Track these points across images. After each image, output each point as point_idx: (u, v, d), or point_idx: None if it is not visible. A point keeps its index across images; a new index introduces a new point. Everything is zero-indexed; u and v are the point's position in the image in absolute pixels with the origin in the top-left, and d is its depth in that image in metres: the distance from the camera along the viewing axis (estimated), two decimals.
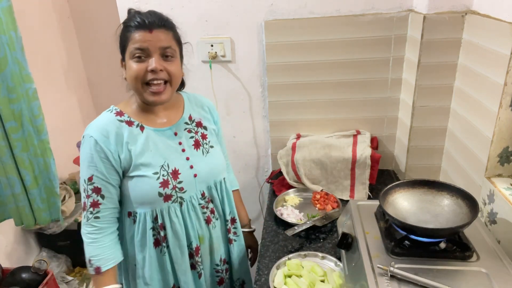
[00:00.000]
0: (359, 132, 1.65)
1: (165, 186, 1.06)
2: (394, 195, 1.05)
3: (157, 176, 1.05)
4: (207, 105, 1.24)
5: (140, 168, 1.04)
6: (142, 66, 1.00)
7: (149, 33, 1.00)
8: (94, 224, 1.04)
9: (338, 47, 1.53)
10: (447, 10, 1.29)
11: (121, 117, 1.06)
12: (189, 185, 1.11)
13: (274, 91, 1.63)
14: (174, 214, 1.09)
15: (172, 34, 1.06)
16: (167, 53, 1.02)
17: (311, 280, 1.07)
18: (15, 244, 2.14)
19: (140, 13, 1.04)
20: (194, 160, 1.12)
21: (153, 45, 1.00)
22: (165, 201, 1.07)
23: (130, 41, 1.00)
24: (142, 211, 1.07)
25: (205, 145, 1.17)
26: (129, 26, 1.02)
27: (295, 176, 1.57)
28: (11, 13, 1.60)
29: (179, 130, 1.13)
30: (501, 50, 1.05)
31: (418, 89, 1.41)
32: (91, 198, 1.03)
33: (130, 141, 1.04)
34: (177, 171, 1.08)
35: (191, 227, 1.13)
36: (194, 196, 1.12)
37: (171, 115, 1.13)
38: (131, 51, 1.00)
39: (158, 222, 1.08)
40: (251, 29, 1.57)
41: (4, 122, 1.68)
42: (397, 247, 0.94)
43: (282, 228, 1.37)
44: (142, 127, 1.07)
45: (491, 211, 1.09)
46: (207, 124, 1.20)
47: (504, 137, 1.09)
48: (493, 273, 0.85)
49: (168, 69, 1.02)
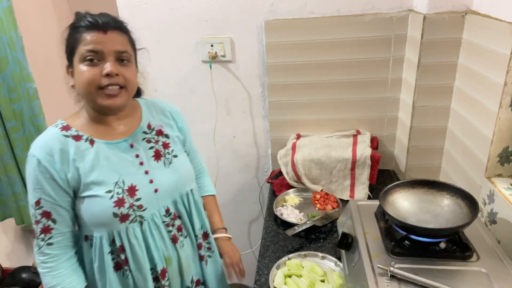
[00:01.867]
0: (359, 132, 1.65)
1: (120, 205, 0.94)
2: (394, 195, 1.05)
3: (111, 194, 0.94)
4: (169, 110, 1.13)
5: (91, 187, 0.94)
6: (95, 70, 0.90)
7: (103, 34, 0.91)
8: (48, 252, 0.94)
9: (338, 47, 1.53)
10: (447, 10, 1.29)
11: (67, 131, 0.95)
12: (150, 202, 0.99)
13: (274, 91, 1.63)
14: (133, 236, 0.97)
15: (128, 38, 0.98)
16: (123, 57, 0.94)
17: (311, 280, 1.07)
18: (15, 244, 2.14)
19: (91, 14, 0.95)
20: (154, 173, 1.01)
21: (108, 48, 0.91)
22: (121, 222, 0.95)
23: (81, 43, 0.91)
24: (98, 234, 0.96)
25: (168, 155, 1.06)
26: (79, 27, 0.92)
27: (295, 176, 1.57)
28: (11, 13, 1.60)
29: (136, 141, 1.02)
30: (501, 50, 1.05)
31: (418, 89, 1.41)
32: (41, 223, 0.93)
33: (77, 158, 0.93)
34: (135, 187, 0.97)
35: (154, 248, 1.01)
36: (156, 214, 1.01)
37: (126, 125, 1.03)
38: (81, 53, 0.91)
39: (117, 245, 0.97)
40: (251, 29, 1.57)
41: (5, 121, 1.68)
42: (397, 247, 0.94)
43: (282, 228, 1.37)
44: (92, 141, 0.96)
45: (491, 211, 1.09)
46: (169, 132, 1.10)
47: (504, 137, 1.09)
48: (493, 273, 0.85)
49: (124, 74, 0.93)
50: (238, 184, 1.88)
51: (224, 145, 1.80)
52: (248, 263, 2.04)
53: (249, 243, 2.01)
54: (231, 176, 1.86)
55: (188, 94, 1.70)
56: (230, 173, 1.85)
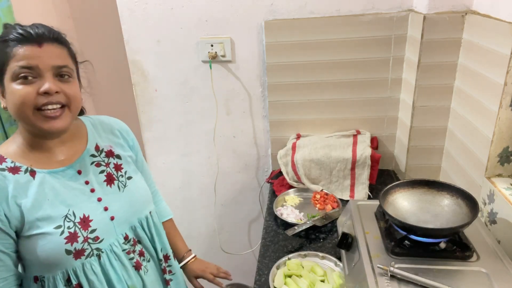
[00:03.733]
0: (359, 132, 1.65)
1: (73, 240, 0.85)
2: (394, 195, 1.05)
3: (61, 230, 0.84)
4: (118, 128, 1.04)
5: (37, 224, 0.83)
6: (30, 89, 0.80)
7: (38, 48, 0.81)
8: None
9: (338, 47, 1.53)
10: (447, 10, 1.29)
11: (1, 164, 0.84)
12: (106, 232, 0.91)
13: (274, 91, 1.63)
14: (91, 272, 0.89)
15: (67, 51, 0.88)
16: (63, 72, 0.84)
17: (311, 280, 1.07)
18: None
19: (22, 25, 0.84)
20: (108, 199, 0.93)
21: (44, 63, 0.81)
22: (76, 259, 0.86)
23: (12, 58, 0.80)
24: (50, 274, 0.87)
25: (121, 177, 0.98)
26: (8, 40, 0.81)
27: (295, 176, 1.57)
28: (11, 13, 1.60)
29: (83, 166, 0.93)
30: (501, 50, 1.05)
31: (418, 89, 1.41)
32: None
33: (17, 194, 0.83)
34: (88, 218, 0.88)
35: (117, 280, 0.93)
36: (115, 243, 0.93)
37: (70, 150, 0.93)
38: (14, 71, 0.80)
39: (73, 284, 0.88)
40: (251, 29, 1.57)
41: (4, 122, 1.68)
42: (397, 247, 0.94)
43: (282, 228, 1.37)
44: (32, 172, 0.85)
45: (491, 211, 1.09)
46: (121, 152, 1.01)
47: (504, 137, 1.09)
48: (493, 273, 0.85)
49: (65, 90, 0.84)
50: (238, 184, 1.88)
51: (224, 145, 1.80)
52: (248, 263, 2.05)
53: (249, 243, 2.01)
54: (231, 176, 1.86)
55: (188, 94, 1.70)
56: (230, 173, 1.85)
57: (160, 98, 1.72)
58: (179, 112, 1.73)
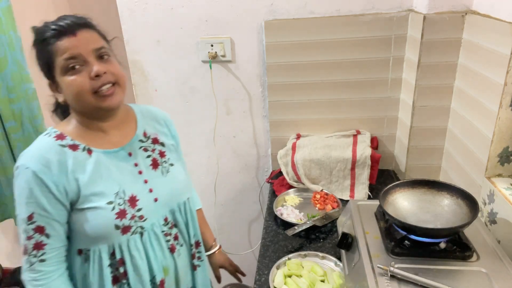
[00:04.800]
0: (359, 132, 1.65)
1: (122, 216, 0.91)
2: (394, 195, 1.05)
3: (112, 206, 0.90)
4: (163, 118, 1.10)
5: (91, 199, 0.89)
6: (82, 77, 0.86)
7: (74, 37, 0.86)
8: (40, 269, 0.88)
9: (338, 47, 1.53)
10: (447, 10, 1.29)
11: (62, 141, 0.90)
12: (150, 212, 0.96)
13: (274, 91, 1.63)
14: (134, 247, 0.94)
15: (97, 33, 0.92)
16: (102, 53, 0.89)
17: (311, 280, 1.07)
18: (15, 244, 2.13)
19: (50, 21, 0.89)
20: (153, 182, 0.99)
21: (84, 49, 0.86)
22: (123, 234, 0.92)
23: (56, 54, 0.86)
24: (96, 247, 0.92)
25: (164, 163, 1.03)
26: (46, 39, 0.86)
27: (295, 176, 1.57)
28: (10, 13, 1.60)
29: (133, 149, 0.99)
30: (501, 50, 1.05)
31: (418, 89, 1.41)
32: (34, 239, 0.87)
33: (76, 169, 0.89)
34: (135, 198, 0.94)
35: (154, 258, 0.98)
36: (156, 224, 0.98)
37: (122, 133, 0.99)
38: (61, 65, 0.86)
39: (116, 258, 0.93)
40: (251, 29, 1.57)
41: (4, 122, 1.68)
42: (397, 247, 0.94)
43: (282, 228, 1.37)
44: (89, 150, 0.92)
45: (491, 211, 1.09)
46: (165, 140, 1.07)
47: (504, 137, 1.09)
48: (493, 273, 0.86)
49: (110, 70, 0.89)
50: (238, 184, 1.88)
51: (224, 145, 1.79)
52: (248, 263, 2.04)
53: (249, 243, 2.01)
54: (231, 176, 1.86)
55: (188, 94, 1.70)
56: (230, 173, 1.85)
57: (160, 98, 1.72)
58: (179, 112, 1.73)
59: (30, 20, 1.82)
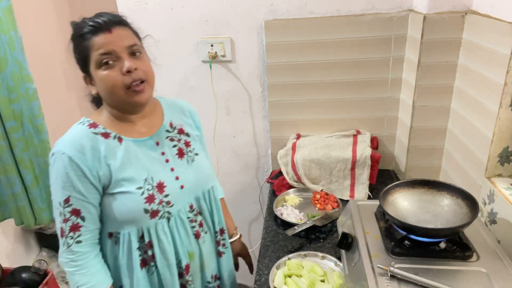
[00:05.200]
0: (359, 132, 1.65)
1: (150, 201, 0.97)
2: (394, 195, 1.05)
3: (141, 191, 0.96)
4: (188, 110, 1.16)
5: (122, 183, 0.95)
6: (115, 72, 0.91)
7: (109, 34, 0.91)
8: (77, 250, 0.94)
9: (338, 47, 1.53)
10: (447, 10, 1.29)
11: (95, 129, 0.96)
12: (177, 198, 1.02)
13: (274, 91, 1.63)
14: (162, 231, 1.00)
15: (131, 30, 0.98)
16: (134, 50, 0.95)
17: (311, 280, 1.07)
18: (15, 244, 2.13)
19: (88, 18, 0.95)
20: (179, 170, 1.04)
21: (118, 46, 0.91)
22: (151, 218, 0.98)
23: (92, 49, 0.91)
24: (126, 230, 0.98)
25: (190, 153, 1.09)
26: (84, 34, 0.92)
27: (295, 176, 1.57)
28: (11, 13, 1.60)
29: (160, 139, 1.05)
30: (501, 50, 1.05)
31: (418, 89, 1.41)
32: (70, 221, 0.93)
33: (108, 155, 0.95)
34: (163, 184, 0.99)
35: (180, 243, 1.04)
36: (182, 210, 1.04)
37: (150, 123, 1.05)
38: (96, 59, 0.91)
39: (145, 241, 0.99)
40: (251, 29, 1.57)
41: (5, 121, 1.68)
42: (397, 247, 0.94)
43: (282, 228, 1.37)
44: (120, 139, 0.98)
45: (491, 211, 1.09)
46: (190, 131, 1.12)
47: (504, 137, 1.09)
48: (493, 273, 0.86)
49: (140, 67, 0.94)
50: (238, 184, 1.88)
51: (224, 145, 1.79)
52: None
53: (249, 243, 2.01)
54: (231, 176, 1.86)
55: (188, 94, 1.70)
56: (230, 173, 1.85)
57: None
58: None
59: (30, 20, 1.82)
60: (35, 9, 2.22)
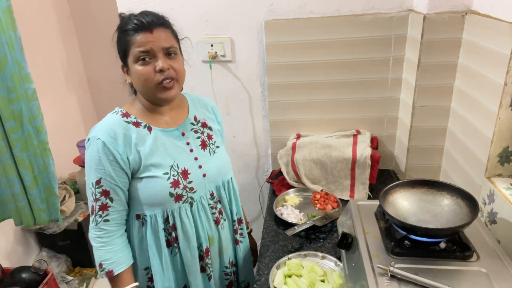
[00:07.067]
0: (359, 132, 1.65)
1: (176, 186, 1.05)
2: (394, 195, 1.05)
3: (168, 176, 1.05)
4: (211, 106, 1.24)
5: (150, 169, 1.04)
6: (149, 68, 1.00)
7: (150, 34, 1.00)
8: (104, 228, 1.03)
9: (338, 47, 1.53)
10: (447, 10, 1.29)
11: (127, 118, 1.05)
12: (199, 185, 1.10)
13: (274, 91, 1.63)
14: (185, 215, 1.08)
15: (171, 32, 1.06)
16: (170, 51, 1.03)
17: (311, 280, 1.07)
18: (15, 244, 2.13)
19: (134, 15, 1.03)
20: (202, 160, 1.12)
21: (156, 46, 1.00)
22: (176, 202, 1.06)
23: (132, 44, 1.00)
24: (152, 212, 1.06)
25: (211, 145, 1.17)
26: (127, 30, 1.01)
27: (295, 176, 1.57)
28: (10, 13, 1.60)
29: (186, 130, 1.13)
30: (501, 50, 1.05)
31: (418, 89, 1.41)
32: (100, 201, 1.02)
33: (138, 142, 1.03)
34: (187, 171, 1.08)
35: (201, 227, 1.12)
36: (203, 196, 1.12)
37: (176, 116, 1.13)
38: (135, 55, 1.00)
39: (170, 223, 1.08)
40: (251, 29, 1.57)
41: (4, 122, 1.68)
42: (397, 247, 0.94)
43: (282, 228, 1.37)
44: (149, 128, 1.07)
45: (491, 211, 1.09)
46: (212, 125, 1.20)
47: (504, 137, 1.09)
48: (493, 273, 0.85)
49: (173, 66, 1.02)
50: (238, 184, 1.85)
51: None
52: None
53: None
54: None
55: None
56: None
57: None
58: None
59: (30, 20, 1.82)
60: (35, 9, 2.22)
